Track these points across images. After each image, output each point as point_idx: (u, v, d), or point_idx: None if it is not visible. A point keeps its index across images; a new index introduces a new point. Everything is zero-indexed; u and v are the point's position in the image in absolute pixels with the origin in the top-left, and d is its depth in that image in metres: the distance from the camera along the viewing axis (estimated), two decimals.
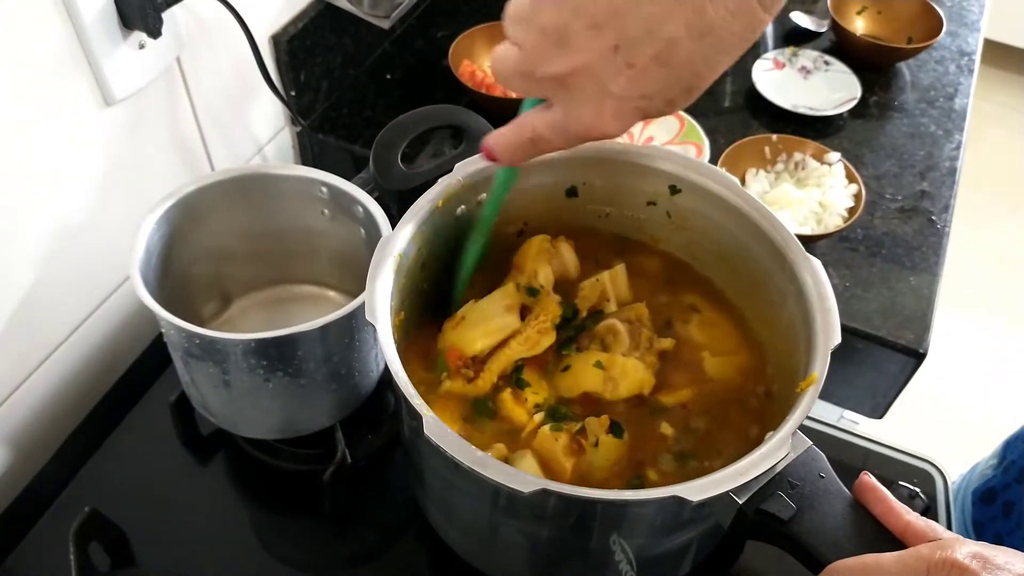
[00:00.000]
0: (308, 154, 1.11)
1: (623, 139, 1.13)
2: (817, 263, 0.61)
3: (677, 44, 0.43)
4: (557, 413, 0.64)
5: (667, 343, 0.68)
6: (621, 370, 0.65)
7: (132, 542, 0.73)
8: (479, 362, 0.65)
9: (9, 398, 0.78)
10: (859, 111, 1.18)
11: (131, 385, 0.85)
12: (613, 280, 0.71)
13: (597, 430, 0.61)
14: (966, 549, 0.43)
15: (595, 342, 0.68)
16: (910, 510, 0.49)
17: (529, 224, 0.75)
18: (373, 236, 0.74)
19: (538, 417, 0.63)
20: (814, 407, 0.54)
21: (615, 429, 0.61)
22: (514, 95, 1.09)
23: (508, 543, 0.62)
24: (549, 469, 0.61)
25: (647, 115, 0.48)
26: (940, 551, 0.43)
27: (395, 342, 0.57)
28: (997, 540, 0.85)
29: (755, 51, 1.23)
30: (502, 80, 0.53)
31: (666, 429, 0.64)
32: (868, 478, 0.51)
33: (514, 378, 0.66)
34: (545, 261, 0.71)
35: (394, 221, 0.65)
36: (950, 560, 0.42)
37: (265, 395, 0.71)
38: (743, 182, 1.06)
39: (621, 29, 0.44)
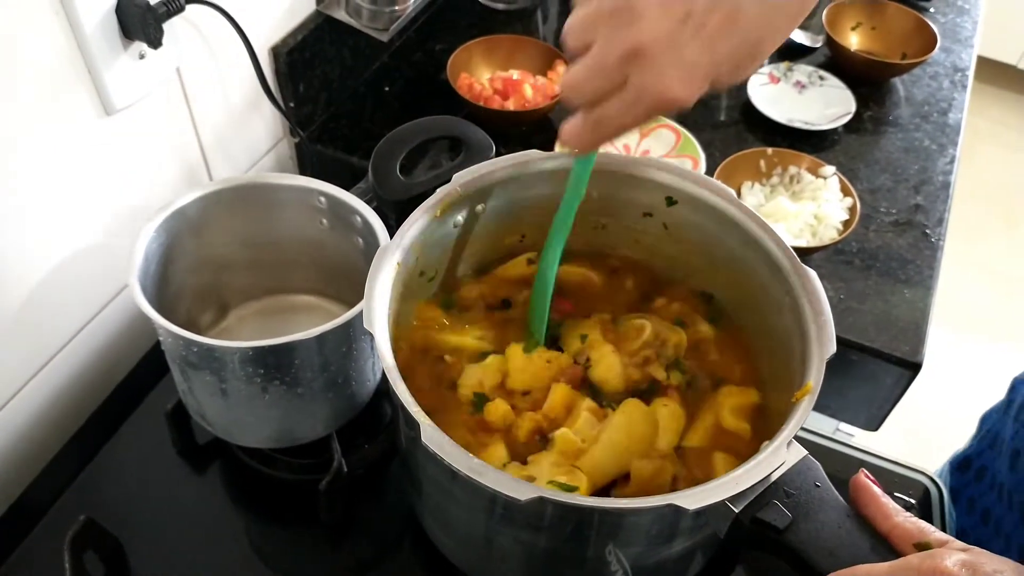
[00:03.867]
0: (306, 165, 1.12)
1: (620, 150, 1.14)
2: (812, 274, 0.62)
3: (743, 7, 0.47)
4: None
5: (661, 375, 0.68)
6: (599, 354, 0.67)
7: (127, 551, 0.73)
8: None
9: (6, 405, 0.77)
10: (854, 125, 1.19)
11: (128, 393, 0.85)
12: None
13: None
14: (955, 557, 0.43)
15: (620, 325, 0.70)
16: (901, 510, 0.49)
17: (527, 236, 0.76)
18: (371, 246, 0.74)
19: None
20: (810, 419, 0.55)
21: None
22: (512, 107, 1.10)
23: (504, 553, 0.62)
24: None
25: (716, 82, 0.50)
26: (929, 560, 0.43)
27: (393, 351, 0.57)
28: (971, 504, 0.85)
29: None
30: (575, 91, 0.54)
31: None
32: (862, 477, 0.51)
33: None
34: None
35: (392, 231, 0.66)
36: (939, 569, 0.43)
37: (262, 404, 0.71)
38: (739, 195, 1.06)
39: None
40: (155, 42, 0.75)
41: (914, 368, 0.94)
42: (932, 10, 1.43)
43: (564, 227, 0.65)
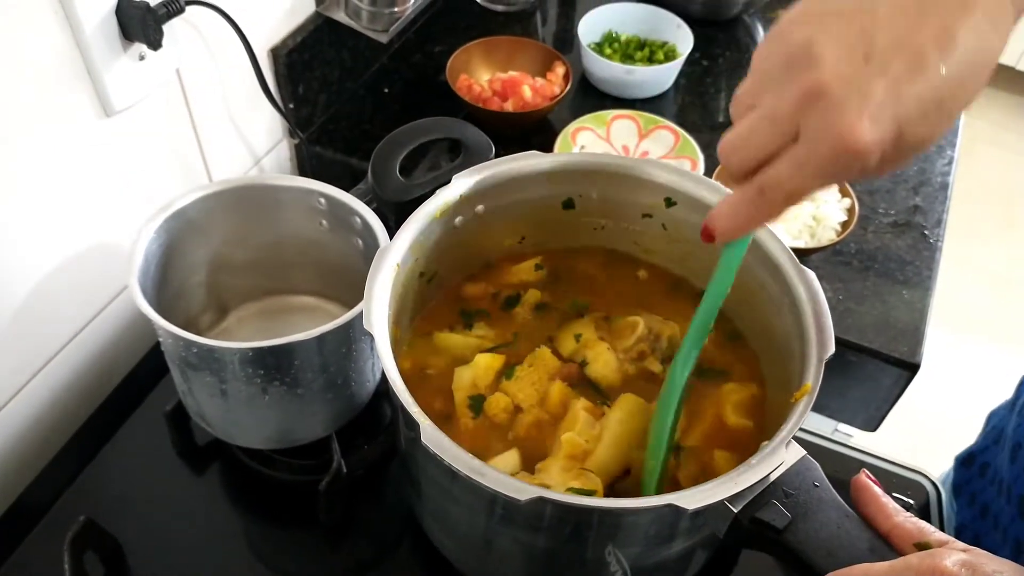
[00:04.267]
0: (306, 166, 1.12)
1: (619, 151, 1.14)
2: (811, 274, 0.62)
3: (926, 55, 0.43)
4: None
5: (656, 368, 0.69)
6: (595, 353, 0.68)
7: (127, 552, 0.73)
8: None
9: (6, 406, 0.78)
10: None
11: (128, 394, 0.85)
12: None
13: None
14: (955, 557, 0.43)
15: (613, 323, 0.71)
16: (901, 510, 0.49)
17: (527, 237, 0.76)
18: (371, 247, 0.74)
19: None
20: (808, 420, 0.55)
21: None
22: (511, 108, 1.10)
23: (504, 554, 0.62)
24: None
25: (900, 128, 0.43)
26: (929, 559, 0.43)
27: (392, 351, 0.58)
28: (972, 499, 0.86)
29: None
30: (736, 152, 0.47)
31: None
32: (863, 477, 0.51)
33: None
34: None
35: (391, 232, 0.66)
36: (939, 568, 0.43)
37: (262, 405, 0.71)
38: None
39: (870, 43, 0.43)
40: (155, 43, 0.75)
41: (912, 369, 0.94)
42: None
43: (705, 329, 0.58)
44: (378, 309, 0.59)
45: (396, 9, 1.06)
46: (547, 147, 1.00)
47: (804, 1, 0.46)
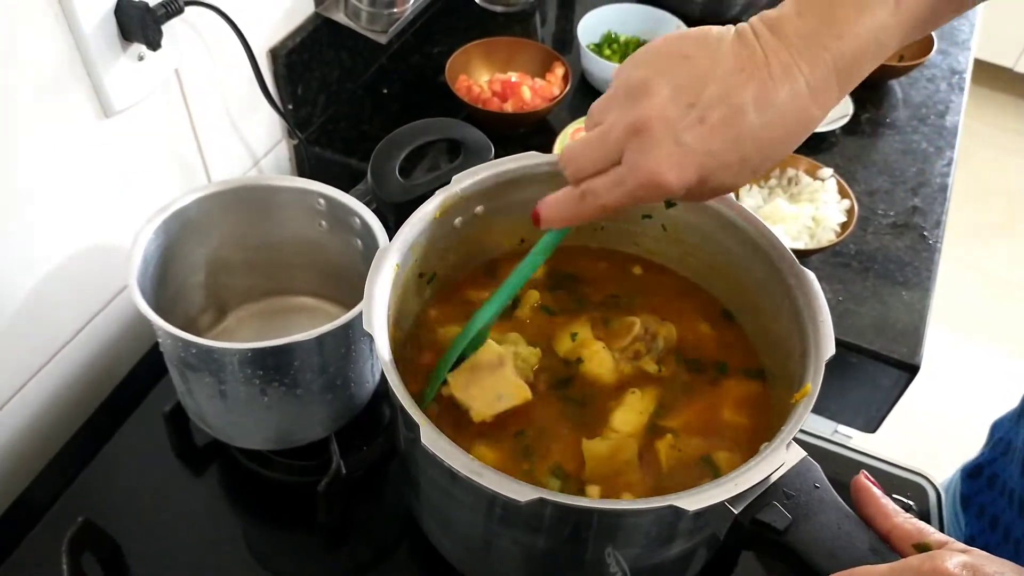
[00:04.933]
0: (305, 167, 1.12)
1: None
2: (811, 275, 0.62)
3: (744, 112, 0.49)
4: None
5: (652, 368, 0.69)
6: (590, 352, 0.68)
7: (125, 553, 0.73)
8: None
9: (5, 406, 0.77)
10: (851, 128, 1.20)
11: (126, 395, 0.85)
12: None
13: None
14: (956, 559, 0.43)
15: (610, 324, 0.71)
16: (900, 511, 0.49)
17: (527, 239, 0.76)
18: (370, 248, 0.74)
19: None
20: (808, 421, 0.55)
21: None
22: (510, 109, 1.10)
23: (504, 555, 0.62)
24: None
25: (704, 175, 0.51)
26: (930, 561, 0.43)
27: (392, 352, 0.57)
28: (981, 511, 0.86)
29: None
30: (572, 162, 0.55)
31: None
32: (862, 479, 0.51)
33: None
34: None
35: (391, 233, 0.66)
36: (940, 570, 0.43)
37: (261, 406, 0.71)
38: (736, 197, 1.06)
39: (699, 91, 0.50)
40: (154, 44, 0.75)
41: (912, 370, 0.94)
42: None
43: (508, 291, 0.64)
44: (378, 310, 0.59)
45: (395, 10, 1.06)
46: (546, 148, 1.00)
47: (673, 33, 0.53)
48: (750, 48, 0.50)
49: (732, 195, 0.69)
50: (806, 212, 1.02)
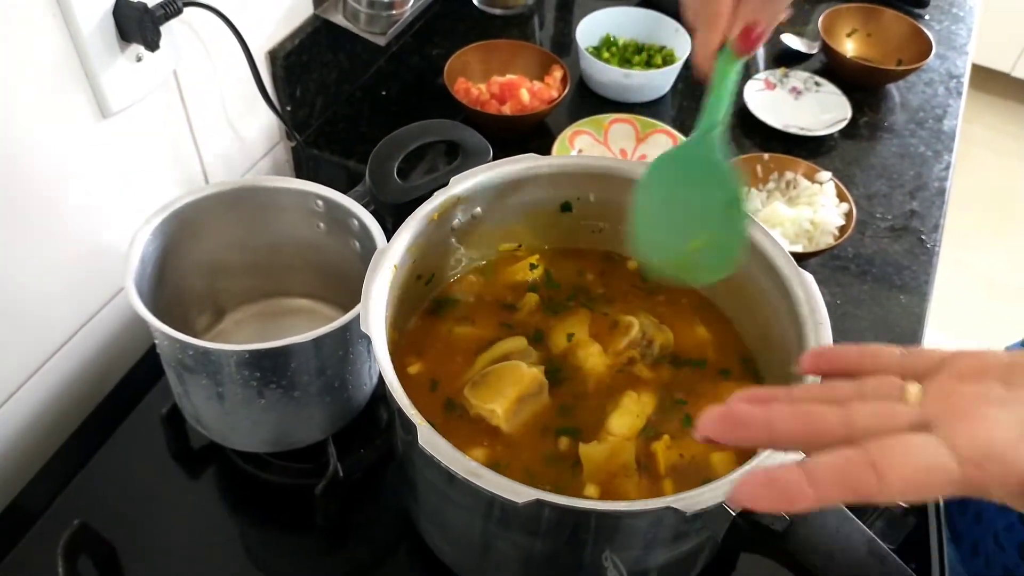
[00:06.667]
0: (303, 169, 1.11)
1: (617, 155, 1.14)
2: (809, 277, 0.62)
3: None
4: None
5: (645, 375, 0.69)
6: (586, 353, 0.68)
7: (121, 556, 0.73)
8: None
9: (1, 408, 0.77)
10: (849, 131, 1.20)
11: (123, 397, 0.85)
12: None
13: None
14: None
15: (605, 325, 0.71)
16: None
17: (524, 243, 0.76)
18: (368, 249, 0.74)
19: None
20: None
21: None
22: (509, 112, 1.10)
23: (501, 558, 0.62)
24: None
25: None
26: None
27: (389, 354, 0.57)
28: (978, 516, 0.85)
29: (746, 72, 1.25)
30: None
31: None
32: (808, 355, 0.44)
33: None
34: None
35: (389, 235, 0.66)
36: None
37: (258, 408, 0.71)
38: None
39: None
40: (152, 45, 0.75)
41: None
42: (927, 17, 1.44)
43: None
44: (375, 312, 0.59)
45: (394, 12, 1.06)
46: (545, 150, 1.00)
47: None
48: None
49: None
50: (804, 215, 1.02)
